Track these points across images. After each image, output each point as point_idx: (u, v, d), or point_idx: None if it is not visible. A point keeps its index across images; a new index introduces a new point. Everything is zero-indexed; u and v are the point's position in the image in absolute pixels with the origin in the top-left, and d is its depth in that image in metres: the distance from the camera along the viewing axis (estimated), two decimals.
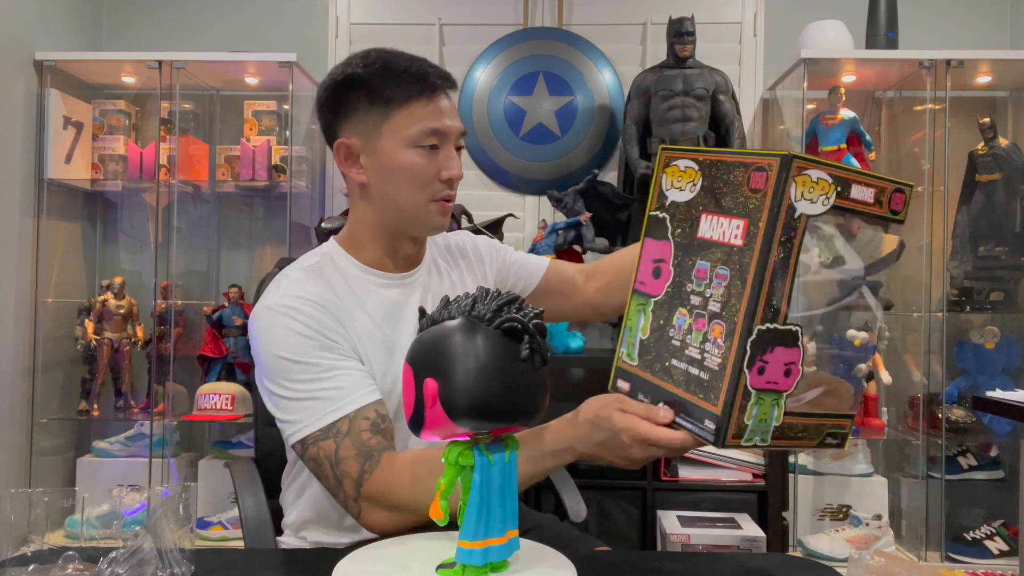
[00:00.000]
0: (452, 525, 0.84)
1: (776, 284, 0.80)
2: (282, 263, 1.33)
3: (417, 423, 0.81)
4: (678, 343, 0.88)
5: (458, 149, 1.18)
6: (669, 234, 0.91)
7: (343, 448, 1.03)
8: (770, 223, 0.79)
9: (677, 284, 0.89)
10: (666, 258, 0.91)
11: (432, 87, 1.13)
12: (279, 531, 1.26)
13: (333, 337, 1.10)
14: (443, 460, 0.82)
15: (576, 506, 1.47)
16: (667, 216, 0.92)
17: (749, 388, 0.81)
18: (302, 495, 1.20)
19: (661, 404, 0.89)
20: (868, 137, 2.62)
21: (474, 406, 0.78)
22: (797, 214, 0.79)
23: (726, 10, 2.94)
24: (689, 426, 0.86)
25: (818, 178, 0.80)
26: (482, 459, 0.81)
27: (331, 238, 1.24)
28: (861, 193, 0.83)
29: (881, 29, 2.66)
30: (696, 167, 0.89)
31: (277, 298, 1.10)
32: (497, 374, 0.79)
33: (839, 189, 0.82)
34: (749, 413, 0.81)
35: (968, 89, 2.81)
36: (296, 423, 1.06)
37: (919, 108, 2.73)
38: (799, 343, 0.84)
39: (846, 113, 2.60)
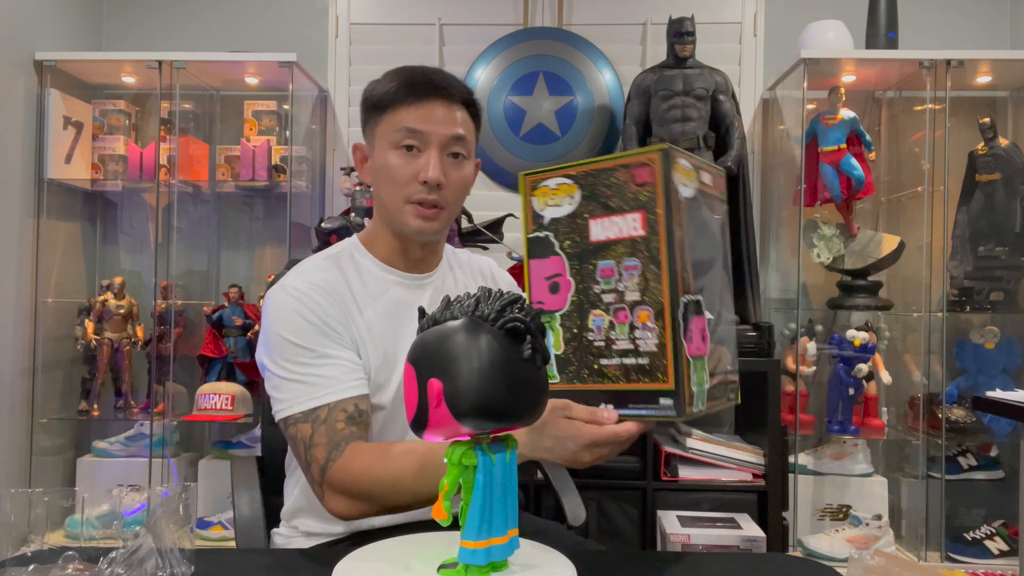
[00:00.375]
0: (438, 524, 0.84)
1: (683, 260, 0.88)
2: (291, 265, 1.35)
3: (420, 423, 0.81)
4: (602, 343, 0.92)
5: (454, 156, 1.19)
6: (558, 249, 0.95)
7: (317, 435, 1.10)
8: (667, 208, 0.87)
9: (582, 291, 0.94)
10: (561, 271, 0.95)
11: (419, 92, 1.16)
12: (277, 525, 1.29)
13: (334, 326, 1.15)
14: (445, 460, 0.82)
15: (576, 509, 1.47)
16: (550, 233, 0.96)
17: (688, 357, 0.88)
18: (298, 484, 1.24)
19: (604, 405, 0.92)
20: (868, 137, 2.62)
21: (479, 406, 0.78)
22: (681, 197, 0.89)
23: (726, 10, 2.94)
24: (643, 412, 0.90)
25: (685, 166, 0.91)
26: (485, 459, 0.81)
27: (354, 235, 1.30)
28: (706, 177, 0.95)
29: (881, 29, 2.66)
30: (570, 181, 0.94)
31: (291, 280, 1.18)
32: (501, 374, 0.79)
33: (697, 175, 0.93)
34: (693, 380, 0.88)
35: (968, 89, 2.81)
36: (283, 401, 1.13)
37: (919, 108, 2.73)
38: (704, 310, 0.92)
39: (846, 113, 2.60)
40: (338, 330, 1.15)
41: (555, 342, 0.96)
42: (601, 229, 0.92)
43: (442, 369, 0.79)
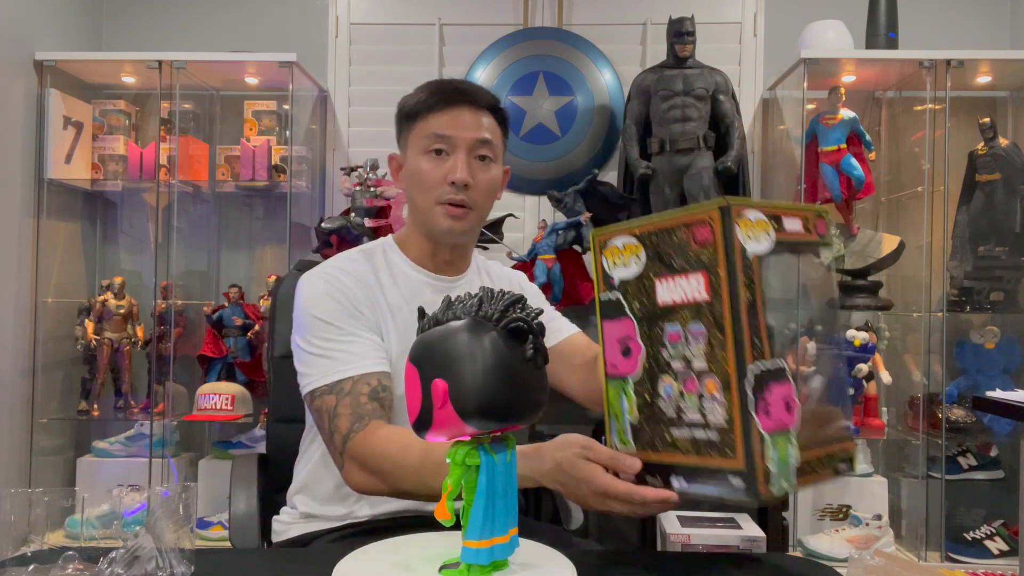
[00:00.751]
0: (437, 523, 0.84)
1: (753, 324, 0.81)
2: (301, 265, 1.41)
3: (424, 424, 0.81)
4: (673, 412, 0.87)
5: (481, 158, 1.25)
6: (627, 311, 0.91)
7: (341, 406, 1.14)
8: (730, 268, 0.80)
9: (652, 356, 0.89)
10: (631, 335, 0.91)
11: (446, 100, 1.23)
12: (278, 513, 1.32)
13: (360, 308, 1.21)
14: (448, 461, 0.82)
15: (576, 512, 1.47)
16: (619, 295, 0.92)
17: (762, 433, 0.80)
18: (309, 462, 1.28)
19: (674, 479, 0.87)
20: (868, 137, 2.62)
21: (485, 406, 0.79)
22: (749, 255, 0.81)
23: (726, 10, 2.94)
24: (712, 491, 0.84)
25: (756, 219, 0.83)
26: (488, 459, 0.81)
27: (389, 235, 1.36)
28: (792, 224, 0.87)
29: (881, 29, 2.66)
30: (635, 241, 0.90)
31: (323, 267, 1.25)
32: (506, 374, 0.80)
33: (775, 225, 0.85)
34: (769, 458, 0.80)
35: (968, 89, 2.81)
36: (309, 375, 1.18)
37: (919, 108, 2.73)
38: (788, 377, 0.85)
39: (846, 113, 2.60)
40: (364, 312, 1.21)
41: (629, 408, 0.91)
42: (667, 291, 0.87)
43: (447, 369, 0.79)
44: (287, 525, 1.28)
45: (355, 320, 1.19)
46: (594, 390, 1.30)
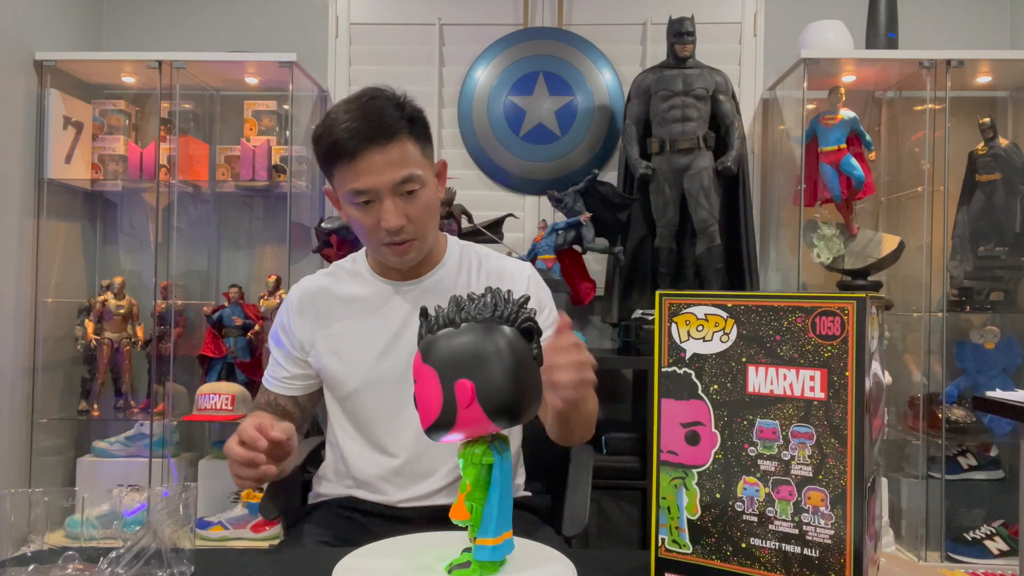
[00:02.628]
0: (435, 523, 0.85)
1: (871, 433, 0.73)
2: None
3: (446, 424, 0.81)
4: (753, 518, 0.76)
5: (410, 193, 1.23)
6: (701, 392, 0.80)
7: (256, 403, 1.42)
8: (859, 370, 0.71)
9: (731, 449, 0.78)
10: (703, 420, 0.80)
11: (350, 153, 1.19)
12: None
13: (291, 333, 1.37)
14: (465, 461, 0.83)
15: (577, 513, 1.37)
16: (691, 372, 0.80)
17: (877, 557, 0.73)
18: (329, 452, 1.42)
19: None
20: (868, 137, 2.62)
21: (510, 404, 0.81)
22: (867, 354, 0.73)
23: (726, 10, 2.94)
24: None
25: (874, 313, 0.75)
26: (499, 457, 0.83)
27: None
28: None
29: (881, 29, 2.66)
30: (724, 314, 0.79)
31: (302, 280, 1.41)
32: (525, 372, 0.82)
33: (879, 317, 0.78)
34: None
35: (968, 89, 2.81)
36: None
37: (919, 108, 2.73)
38: (877, 487, 0.77)
39: (846, 113, 2.60)
40: (291, 338, 1.37)
41: (689, 504, 0.80)
42: (764, 380, 0.76)
43: (474, 369, 0.80)
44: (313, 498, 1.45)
45: (280, 345, 1.38)
46: None
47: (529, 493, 1.46)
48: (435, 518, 1.21)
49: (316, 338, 1.35)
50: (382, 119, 1.20)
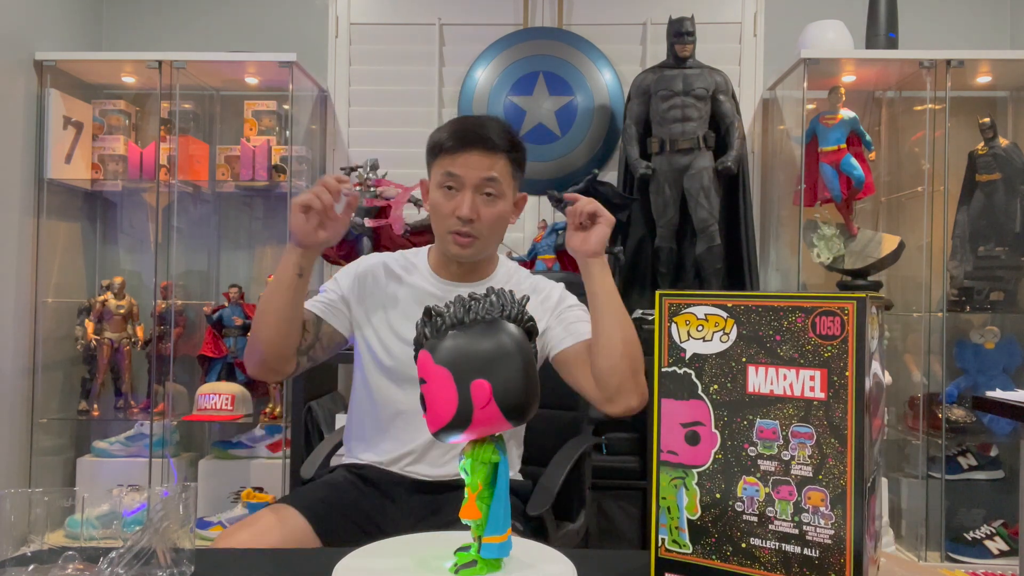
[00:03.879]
0: (432, 524, 0.85)
1: (870, 433, 0.73)
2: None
3: (461, 424, 0.81)
4: (753, 518, 0.76)
5: (488, 195, 1.40)
6: (701, 392, 0.80)
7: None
8: (859, 370, 0.71)
9: (731, 448, 0.78)
10: (703, 420, 0.80)
11: (461, 142, 1.39)
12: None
13: (344, 294, 1.48)
14: (474, 461, 0.83)
15: (542, 497, 1.40)
16: (691, 372, 0.80)
17: (877, 557, 0.73)
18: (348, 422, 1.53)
19: None
20: (868, 137, 2.62)
21: (524, 403, 0.82)
22: (867, 354, 0.73)
23: (726, 10, 2.94)
24: None
25: (874, 314, 0.76)
26: (503, 455, 0.84)
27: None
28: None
29: (881, 29, 2.66)
30: (724, 314, 0.79)
31: (373, 256, 1.55)
32: (533, 371, 0.84)
33: (879, 317, 0.78)
34: None
35: (968, 89, 2.81)
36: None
37: (919, 108, 2.73)
38: (877, 487, 0.77)
39: (846, 113, 2.60)
40: (339, 293, 1.48)
41: (689, 503, 0.80)
42: (763, 380, 0.76)
43: (491, 369, 0.80)
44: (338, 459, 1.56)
45: (336, 285, 1.50)
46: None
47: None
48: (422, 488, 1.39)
49: (362, 311, 1.47)
50: (498, 134, 1.41)
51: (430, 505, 1.39)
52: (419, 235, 2.48)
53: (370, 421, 1.47)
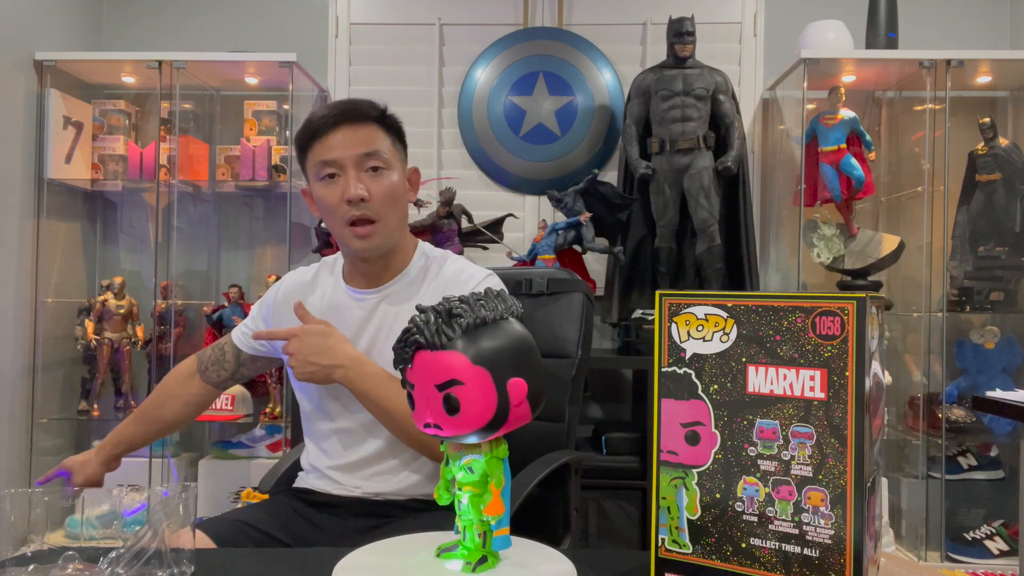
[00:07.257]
0: (430, 525, 0.86)
1: (871, 432, 0.73)
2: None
3: (498, 424, 0.79)
4: (753, 518, 0.76)
5: (374, 169, 1.28)
6: (701, 392, 0.80)
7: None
8: (859, 370, 0.71)
9: (731, 449, 0.78)
10: (703, 420, 0.79)
11: (321, 129, 1.28)
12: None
13: (268, 321, 1.45)
14: (493, 459, 0.82)
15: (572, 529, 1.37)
16: (691, 372, 0.80)
17: (877, 557, 0.73)
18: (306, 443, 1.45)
19: None
20: (868, 137, 2.62)
21: (543, 398, 0.83)
22: (867, 353, 0.73)
23: (726, 10, 2.94)
24: None
25: (874, 313, 0.76)
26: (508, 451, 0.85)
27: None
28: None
29: (881, 29, 2.66)
30: (724, 314, 0.79)
31: (291, 274, 1.48)
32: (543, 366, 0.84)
33: (878, 317, 0.79)
34: None
35: (968, 89, 2.81)
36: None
37: (919, 108, 2.73)
38: (877, 487, 0.77)
39: (846, 113, 2.60)
40: (262, 322, 1.47)
41: (689, 503, 0.80)
42: (763, 380, 0.76)
43: (524, 367, 0.80)
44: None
45: (252, 316, 1.50)
46: None
47: None
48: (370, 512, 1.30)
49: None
50: (356, 106, 1.30)
51: (370, 524, 1.30)
52: (417, 235, 2.47)
53: (310, 437, 1.41)
